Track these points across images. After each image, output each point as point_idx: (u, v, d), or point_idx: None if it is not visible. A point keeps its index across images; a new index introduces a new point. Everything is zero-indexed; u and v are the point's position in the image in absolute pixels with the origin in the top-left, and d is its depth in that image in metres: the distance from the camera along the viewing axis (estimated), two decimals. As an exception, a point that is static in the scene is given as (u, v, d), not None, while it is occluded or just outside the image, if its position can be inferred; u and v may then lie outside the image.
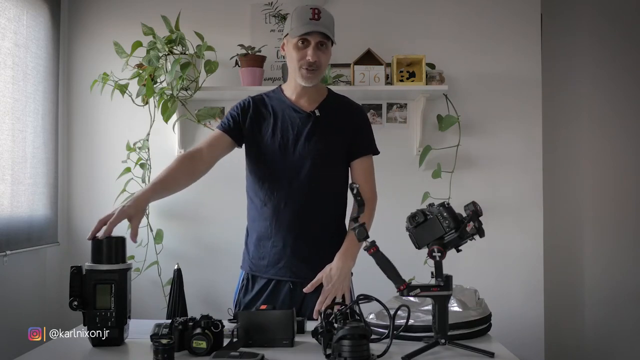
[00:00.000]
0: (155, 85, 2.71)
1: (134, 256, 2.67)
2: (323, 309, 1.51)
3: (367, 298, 1.51)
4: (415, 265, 2.17)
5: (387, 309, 1.47)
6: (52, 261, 2.77)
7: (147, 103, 2.79)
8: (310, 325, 1.57)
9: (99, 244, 1.49)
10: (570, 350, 3.17)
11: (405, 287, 1.40)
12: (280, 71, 2.90)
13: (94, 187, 2.92)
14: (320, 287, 1.81)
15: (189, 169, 1.81)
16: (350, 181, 1.95)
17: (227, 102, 2.91)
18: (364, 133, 1.96)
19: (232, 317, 1.68)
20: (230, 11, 2.96)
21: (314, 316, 1.73)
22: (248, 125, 1.91)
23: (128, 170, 2.77)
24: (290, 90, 1.94)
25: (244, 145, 1.94)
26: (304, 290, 1.81)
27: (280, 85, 2.01)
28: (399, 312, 1.45)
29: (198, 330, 1.39)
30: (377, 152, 1.99)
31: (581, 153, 3.23)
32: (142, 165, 2.78)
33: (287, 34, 1.86)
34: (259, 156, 1.90)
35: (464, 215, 1.42)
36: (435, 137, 2.91)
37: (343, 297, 1.78)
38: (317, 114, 1.89)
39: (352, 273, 1.96)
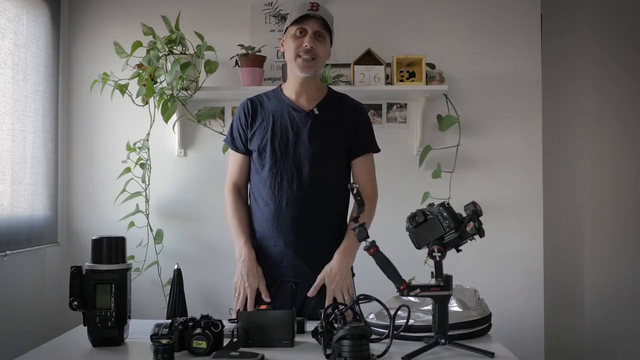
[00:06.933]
0: (155, 85, 2.71)
1: (134, 256, 2.67)
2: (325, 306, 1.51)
3: (367, 298, 1.52)
4: (415, 265, 2.17)
5: (387, 309, 1.47)
6: (52, 261, 2.77)
7: (147, 103, 2.79)
8: (310, 325, 1.56)
9: (99, 244, 1.49)
10: (570, 350, 3.16)
11: (405, 287, 1.40)
12: (280, 71, 2.90)
13: (94, 187, 2.92)
14: (322, 288, 1.82)
15: (245, 204, 2.00)
16: (351, 180, 1.95)
17: (227, 102, 2.91)
18: (364, 131, 1.96)
19: (234, 317, 1.68)
20: (230, 11, 2.96)
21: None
22: (250, 131, 1.93)
23: (128, 170, 2.77)
24: (289, 89, 1.94)
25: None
26: (308, 294, 1.81)
27: (280, 85, 2.01)
28: (399, 312, 1.45)
29: (198, 330, 1.40)
30: (377, 150, 1.99)
31: (581, 153, 3.22)
32: (142, 165, 2.78)
33: (287, 29, 1.89)
34: (261, 157, 1.91)
35: (464, 215, 1.42)
36: (435, 137, 2.91)
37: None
38: (316, 112, 1.89)
39: (354, 273, 1.96)
